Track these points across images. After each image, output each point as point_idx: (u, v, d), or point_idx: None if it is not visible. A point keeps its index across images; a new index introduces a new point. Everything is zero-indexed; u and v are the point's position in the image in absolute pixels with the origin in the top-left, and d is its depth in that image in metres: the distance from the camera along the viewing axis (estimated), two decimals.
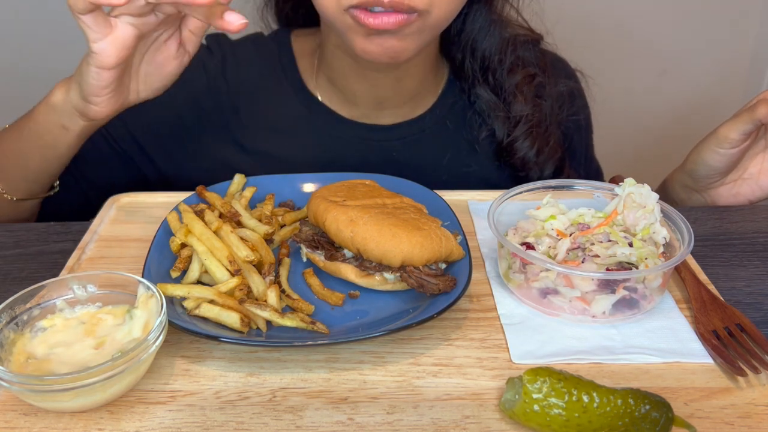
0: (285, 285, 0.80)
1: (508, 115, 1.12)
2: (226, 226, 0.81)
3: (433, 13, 0.91)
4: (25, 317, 0.69)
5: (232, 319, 0.71)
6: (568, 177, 1.16)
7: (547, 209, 0.85)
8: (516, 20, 1.13)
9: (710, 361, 0.72)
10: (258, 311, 0.73)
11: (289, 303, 0.77)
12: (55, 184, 1.07)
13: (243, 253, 0.77)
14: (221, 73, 1.14)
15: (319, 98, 1.15)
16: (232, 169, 0.97)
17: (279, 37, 1.18)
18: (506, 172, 1.17)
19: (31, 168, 1.01)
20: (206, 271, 0.78)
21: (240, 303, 0.73)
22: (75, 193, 1.12)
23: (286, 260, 0.84)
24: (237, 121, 1.14)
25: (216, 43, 1.16)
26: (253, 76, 1.15)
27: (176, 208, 0.88)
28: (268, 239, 0.84)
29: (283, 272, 0.82)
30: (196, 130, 1.14)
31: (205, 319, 0.73)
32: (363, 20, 0.89)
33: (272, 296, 0.75)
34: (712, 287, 0.82)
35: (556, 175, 1.16)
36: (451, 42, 1.13)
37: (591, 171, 1.31)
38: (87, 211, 1.06)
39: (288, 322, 0.73)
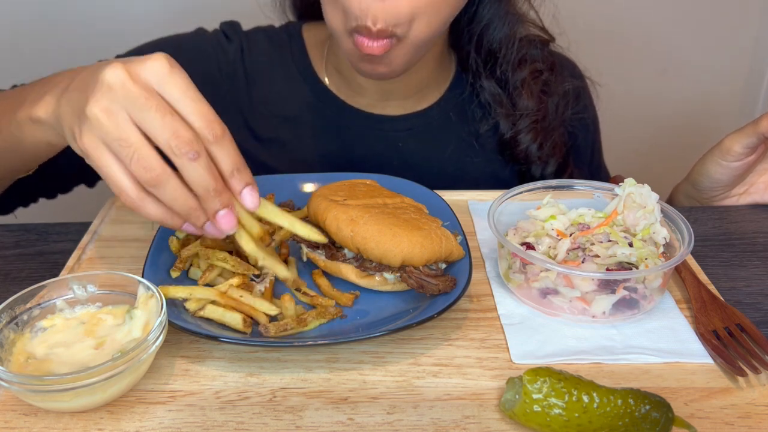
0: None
1: (512, 110, 1.13)
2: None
3: (411, 36, 0.93)
4: (25, 317, 0.69)
5: (234, 320, 0.71)
6: (572, 176, 1.16)
7: (547, 209, 0.85)
8: (532, 19, 1.13)
9: (710, 361, 0.72)
10: (284, 333, 0.72)
11: (306, 301, 0.78)
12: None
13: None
14: (239, 58, 1.15)
15: (329, 88, 1.15)
16: (244, 154, 0.95)
17: (290, 28, 1.20)
18: (510, 166, 1.17)
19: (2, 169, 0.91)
20: (210, 268, 0.78)
21: (267, 330, 0.71)
22: (71, 166, 1.05)
23: (291, 259, 0.84)
24: (250, 107, 1.15)
25: (233, 31, 1.17)
26: (265, 64, 1.16)
27: None
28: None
29: (293, 271, 0.82)
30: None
31: (206, 319, 0.73)
32: (362, 48, 0.92)
33: (290, 307, 0.74)
34: (712, 287, 0.82)
35: (559, 173, 1.16)
36: (460, 34, 1.13)
37: (600, 179, 1.26)
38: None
39: (311, 326, 0.73)
